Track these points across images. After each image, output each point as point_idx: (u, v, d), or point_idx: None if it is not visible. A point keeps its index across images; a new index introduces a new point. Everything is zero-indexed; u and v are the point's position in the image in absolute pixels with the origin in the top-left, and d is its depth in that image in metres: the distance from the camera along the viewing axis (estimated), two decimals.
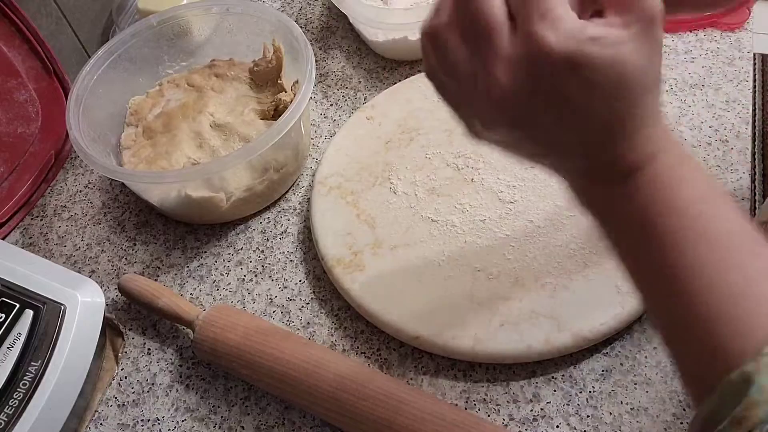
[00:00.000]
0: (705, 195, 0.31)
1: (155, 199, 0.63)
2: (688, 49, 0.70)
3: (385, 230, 0.58)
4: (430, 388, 0.51)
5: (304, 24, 0.82)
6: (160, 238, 0.65)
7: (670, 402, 0.48)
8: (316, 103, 0.73)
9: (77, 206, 0.69)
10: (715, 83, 0.67)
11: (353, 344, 0.54)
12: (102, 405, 0.54)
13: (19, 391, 0.47)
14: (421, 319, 0.52)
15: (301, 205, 0.65)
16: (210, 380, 0.54)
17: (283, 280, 0.60)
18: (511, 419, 0.49)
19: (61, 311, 0.51)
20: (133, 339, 0.58)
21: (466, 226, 0.57)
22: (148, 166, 0.64)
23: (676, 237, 0.30)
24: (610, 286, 0.52)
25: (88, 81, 0.64)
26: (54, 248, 0.66)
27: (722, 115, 0.64)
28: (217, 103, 0.68)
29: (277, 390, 0.50)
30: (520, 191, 0.59)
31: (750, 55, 0.69)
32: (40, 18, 0.71)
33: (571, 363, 0.51)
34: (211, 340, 0.52)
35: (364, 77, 0.75)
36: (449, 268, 0.55)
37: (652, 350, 0.51)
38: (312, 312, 0.57)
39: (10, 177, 0.67)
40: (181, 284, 0.61)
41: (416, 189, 0.61)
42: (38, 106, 0.69)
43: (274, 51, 0.68)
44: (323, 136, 0.70)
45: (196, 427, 0.52)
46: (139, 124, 0.69)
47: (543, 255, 0.54)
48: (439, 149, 0.63)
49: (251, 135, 0.64)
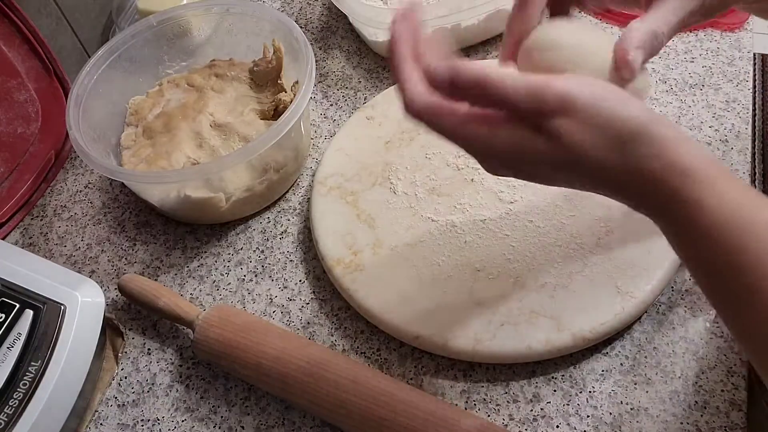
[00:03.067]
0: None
1: (155, 199, 0.63)
2: (688, 49, 0.70)
3: (385, 230, 0.58)
4: (430, 388, 0.51)
5: (304, 24, 0.82)
6: (160, 238, 0.65)
7: (670, 402, 0.48)
8: (316, 103, 0.73)
9: (77, 206, 0.69)
10: (715, 83, 0.67)
11: (353, 344, 0.54)
12: (102, 405, 0.54)
13: (19, 391, 0.47)
14: (421, 319, 0.52)
15: (301, 205, 0.65)
16: (210, 380, 0.54)
17: (283, 280, 0.60)
18: (511, 419, 0.49)
19: (61, 311, 0.51)
20: (133, 339, 0.58)
21: (466, 226, 0.57)
22: (148, 166, 0.64)
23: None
24: (610, 286, 0.52)
25: (88, 81, 0.64)
26: (54, 248, 0.66)
27: (722, 115, 0.64)
28: (217, 103, 0.68)
29: (277, 390, 0.50)
30: (520, 191, 0.59)
31: (750, 55, 0.69)
32: (40, 18, 0.71)
33: (571, 363, 0.51)
34: (211, 340, 0.52)
35: (364, 77, 0.75)
36: (449, 268, 0.55)
37: (652, 350, 0.51)
38: (312, 312, 0.57)
39: (10, 177, 0.67)
40: (181, 284, 0.61)
41: (416, 189, 0.61)
42: (38, 106, 0.69)
43: (274, 51, 0.68)
44: (323, 136, 0.70)
45: (196, 427, 0.52)
46: (139, 124, 0.69)
47: (543, 255, 0.54)
48: (439, 149, 0.63)
49: (251, 135, 0.64)
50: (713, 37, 0.71)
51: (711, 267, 0.33)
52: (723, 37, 0.71)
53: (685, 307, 0.53)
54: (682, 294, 0.53)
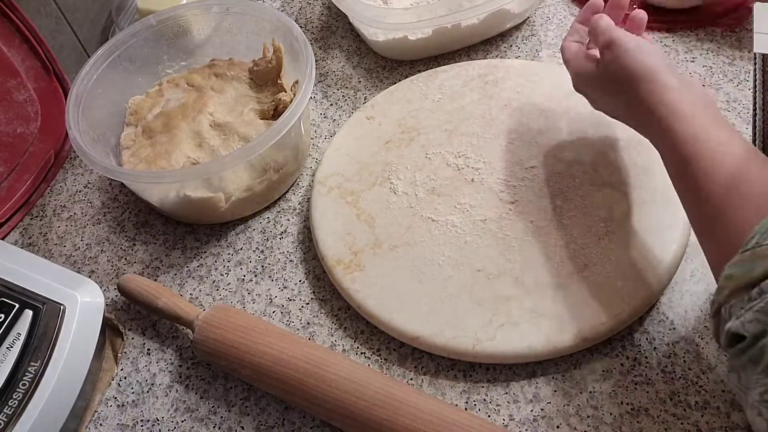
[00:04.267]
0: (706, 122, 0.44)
1: (155, 199, 0.63)
2: (688, 48, 0.70)
3: (385, 230, 0.58)
4: (430, 388, 0.51)
5: (303, 24, 0.82)
6: (159, 238, 0.65)
7: (670, 402, 0.48)
8: (316, 103, 0.73)
9: (77, 206, 0.69)
10: (716, 83, 0.67)
11: (353, 344, 0.54)
12: (101, 405, 0.54)
13: (18, 391, 0.47)
14: (421, 319, 0.52)
15: (301, 205, 0.65)
16: (210, 380, 0.54)
17: (283, 280, 0.60)
18: (512, 419, 0.49)
19: (61, 311, 0.51)
20: (133, 339, 0.58)
21: (466, 226, 0.57)
22: (147, 165, 0.64)
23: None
24: (610, 286, 0.51)
25: (88, 81, 0.64)
26: (53, 248, 0.65)
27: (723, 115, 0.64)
28: (217, 103, 0.68)
29: (277, 390, 0.50)
30: (520, 191, 0.59)
31: (750, 55, 0.69)
32: (40, 18, 0.71)
33: (571, 363, 0.51)
34: (211, 341, 0.52)
35: (364, 77, 0.75)
36: (449, 268, 0.55)
37: (652, 350, 0.51)
38: (312, 312, 0.57)
39: (9, 177, 0.67)
40: (180, 284, 0.61)
41: (416, 189, 0.61)
42: (38, 106, 0.69)
43: (274, 51, 0.68)
44: (323, 136, 0.70)
45: (195, 428, 0.52)
46: (138, 123, 0.69)
47: (543, 255, 0.54)
48: (439, 149, 0.63)
49: (251, 135, 0.64)
50: (714, 37, 0.71)
51: (678, 178, 0.45)
52: (723, 37, 0.71)
53: (685, 307, 0.52)
54: (682, 294, 0.53)
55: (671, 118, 0.45)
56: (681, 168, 0.44)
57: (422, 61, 0.75)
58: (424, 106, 0.67)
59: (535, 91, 0.67)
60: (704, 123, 0.44)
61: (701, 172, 0.42)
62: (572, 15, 0.78)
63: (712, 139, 0.43)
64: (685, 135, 0.44)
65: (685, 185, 0.44)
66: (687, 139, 0.44)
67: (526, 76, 0.68)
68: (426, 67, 0.74)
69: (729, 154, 0.42)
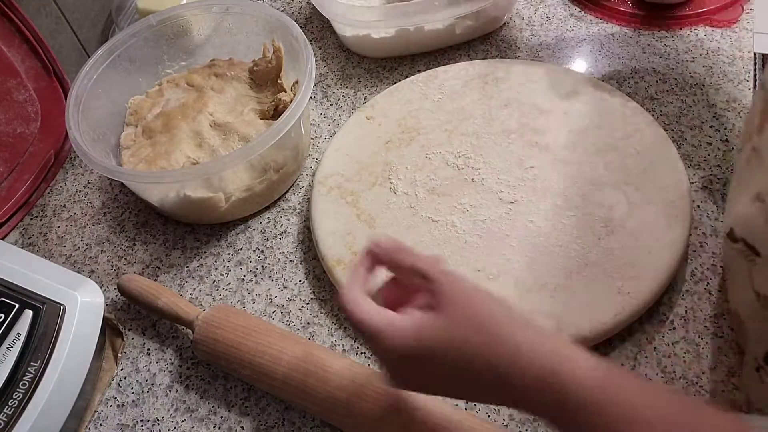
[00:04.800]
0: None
1: (155, 199, 0.63)
2: (688, 48, 0.70)
3: (385, 230, 0.58)
4: None
5: (303, 23, 0.82)
6: (159, 238, 0.65)
7: None
8: (316, 103, 0.73)
9: (77, 206, 0.69)
10: (716, 83, 0.67)
11: (353, 344, 0.54)
12: (101, 405, 0.54)
13: (18, 391, 0.47)
14: None
15: (301, 205, 0.65)
16: (210, 380, 0.54)
17: (283, 280, 0.60)
18: (512, 419, 0.49)
19: (61, 311, 0.51)
20: (133, 339, 0.58)
21: (466, 226, 0.57)
22: (147, 165, 0.64)
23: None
24: (610, 286, 0.51)
25: (88, 81, 0.64)
26: (53, 248, 0.65)
27: (723, 115, 0.64)
28: (217, 103, 0.68)
29: (277, 390, 0.50)
30: (520, 191, 0.59)
31: (750, 55, 0.69)
32: (40, 18, 0.71)
33: None
34: (211, 341, 0.52)
35: (364, 77, 0.75)
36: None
37: (652, 350, 0.51)
38: (312, 312, 0.57)
39: (9, 177, 0.67)
40: (180, 284, 0.61)
41: (416, 189, 0.61)
42: (38, 106, 0.69)
43: (274, 51, 0.68)
44: (323, 136, 0.70)
45: (195, 428, 0.52)
46: (138, 123, 0.69)
47: (543, 255, 0.54)
48: (439, 149, 0.63)
49: (251, 135, 0.64)
50: (714, 37, 0.71)
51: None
52: (723, 37, 0.71)
53: (685, 307, 0.52)
54: (682, 294, 0.53)
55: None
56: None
57: (422, 61, 0.75)
58: (424, 106, 0.67)
59: (535, 91, 0.67)
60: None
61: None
62: (572, 15, 0.77)
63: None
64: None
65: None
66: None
67: (526, 76, 0.68)
68: (425, 67, 0.74)
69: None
